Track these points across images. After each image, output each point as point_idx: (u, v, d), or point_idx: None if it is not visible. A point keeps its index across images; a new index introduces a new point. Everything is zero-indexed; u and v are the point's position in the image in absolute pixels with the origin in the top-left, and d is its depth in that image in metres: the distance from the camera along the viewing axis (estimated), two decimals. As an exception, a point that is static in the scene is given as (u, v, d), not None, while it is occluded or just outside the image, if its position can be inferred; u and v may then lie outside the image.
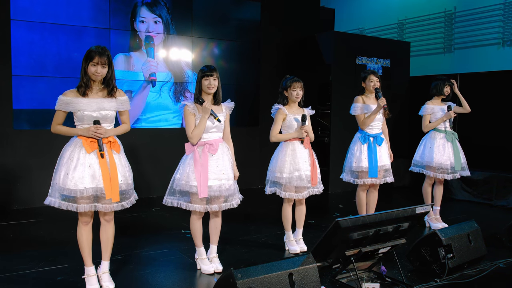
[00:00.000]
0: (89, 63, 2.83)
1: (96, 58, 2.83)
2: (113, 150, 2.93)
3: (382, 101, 4.16)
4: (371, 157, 4.24)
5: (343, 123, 6.74)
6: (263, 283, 2.46)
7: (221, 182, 3.26)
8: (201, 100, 3.23)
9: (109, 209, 2.89)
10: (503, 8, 7.25)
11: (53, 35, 5.64)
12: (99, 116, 2.89)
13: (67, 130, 2.92)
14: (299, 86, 3.78)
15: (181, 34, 6.56)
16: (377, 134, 4.32)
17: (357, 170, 4.28)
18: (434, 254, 3.36)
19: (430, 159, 4.70)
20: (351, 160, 4.33)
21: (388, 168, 4.36)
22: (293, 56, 7.52)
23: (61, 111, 2.88)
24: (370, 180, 4.27)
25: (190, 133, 3.24)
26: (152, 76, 6.32)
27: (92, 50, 2.86)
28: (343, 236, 2.79)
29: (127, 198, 2.98)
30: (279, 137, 3.81)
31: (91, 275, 3.02)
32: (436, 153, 4.68)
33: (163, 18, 6.41)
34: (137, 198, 3.08)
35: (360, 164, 4.26)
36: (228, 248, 3.98)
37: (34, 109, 5.59)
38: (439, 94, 4.78)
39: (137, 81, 6.22)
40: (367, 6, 9.49)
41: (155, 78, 6.35)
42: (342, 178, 4.43)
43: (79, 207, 2.82)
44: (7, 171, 5.45)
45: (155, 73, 6.35)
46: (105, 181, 2.83)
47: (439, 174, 4.68)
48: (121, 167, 2.94)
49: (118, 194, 2.88)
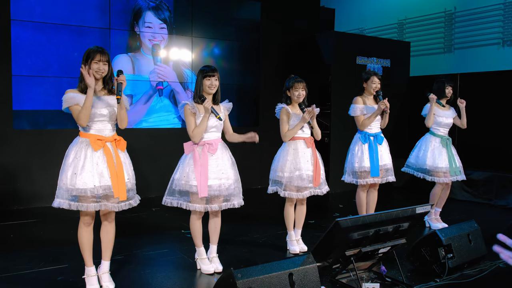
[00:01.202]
0: (91, 61, 2.85)
1: (98, 56, 2.86)
2: (118, 149, 2.94)
3: (383, 104, 4.15)
4: (372, 157, 4.23)
5: (343, 123, 6.73)
6: (263, 283, 2.46)
7: (220, 182, 3.27)
8: (203, 98, 3.23)
9: (118, 208, 2.90)
10: (503, 8, 7.24)
11: (53, 35, 5.64)
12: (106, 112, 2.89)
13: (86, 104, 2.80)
14: (301, 87, 3.77)
15: (181, 34, 6.56)
16: (377, 133, 4.32)
17: (359, 170, 4.25)
18: (434, 254, 3.36)
19: (423, 162, 4.69)
20: (353, 161, 4.30)
21: (389, 167, 4.36)
22: (293, 56, 7.51)
23: (73, 105, 2.86)
24: (372, 179, 4.26)
25: (192, 132, 3.24)
26: (160, 86, 6.33)
27: (92, 49, 2.89)
28: (343, 236, 2.79)
29: (133, 197, 3.00)
30: (290, 133, 3.78)
31: (91, 275, 3.02)
32: (429, 158, 4.67)
33: (167, 21, 6.42)
34: (140, 198, 3.10)
35: (363, 164, 4.24)
36: (228, 248, 3.98)
37: (34, 109, 5.59)
38: (442, 96, 4.77)
39: (140, 83, 6.22)
40: (367, 6, 9.49)
41: (163, 87, 6.35)
42: (344, 179, 4.41)
43: (89, 206, 2.82)
44: (7, 171, 5.45)
45: (162, 82, 6.36)
46: (113, 180, 2.84)
47: (436, 178, 4.66)
48: (126, 165, 2.96)
49: (125, 192, 2.89)
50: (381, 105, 4.16)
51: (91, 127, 2.89)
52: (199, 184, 3.18)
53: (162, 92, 6.37)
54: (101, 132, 2.90)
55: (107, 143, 2.89)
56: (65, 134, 4.05)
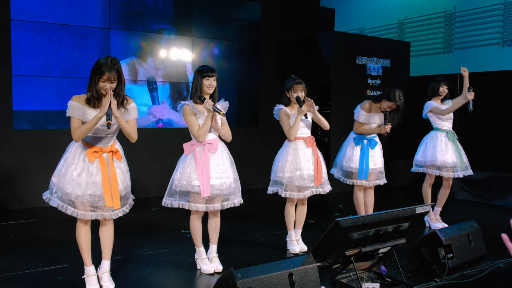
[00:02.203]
0: (99, 78, 2.76)
1: (105, 75, 2.73)
2: (114, 158, 2.93)
3: (384, 129, 4.18)
4: (362, 160, 4.24)
5: (343, 123, 6.72)
6: (263, 283, 2.46)
7: (222, 181, 3.27)
8: (202, 98, 3.23)
9: (113, 216, 2.93)
10: (503, 8, 7.24)
11: (53, 36, 5.64)
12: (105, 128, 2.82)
13: (86, 126, 2.76)
14: (300, 89, 3.75)
15: (181, 34, 6.56)
16: (371, 137, 4.32)
17: (346, 169, 4.31)
18: (434, 254, 3.36)
19: (434, 158, 4.68)
20: (342, 159, 4.37)
21: (381, 171, 4.36)
22: (293, 56, 7.51)
23: (74, 118, 2.80)
24: (360, 181, 4.27)
25: (196, 132, 3.23)
26: (159, 123, 6.37)
27: (102, 64, 2.75)
28: (343, 236, 2.79)
29: (126, 203, 3.02)
30: (293, 130, 3.75)
31: (91, 275, 3.02)
32: (439, 152, 4.67)
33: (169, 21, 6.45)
34: (133, 198, 3.12)
35: (350, 164, 4.27)
36: (228, 248, 3.98)
37: (34, 109, 5.59)
38: (435, 95, 4.78)
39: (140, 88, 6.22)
40: (367, 6, 9.49)
41: (162, 124, 6.38)
42: (332, 172, 4.43)
43: (86, 214, 2.86)
44: (7, 171, 5.45)
45: (162, 120, 6.39)
46: (106, 191, 2.85)
47: (444, 173, 4.67)
48: (121, 174, 2.95)
49: (119, 201, 2.91)
50: (381, 129, 4.20)
51: (91, 137, 2.88)
52: (201, 184, 3.18)
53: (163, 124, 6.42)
54: (99, 143, 2.89)
55: (103, 154, 2.89)
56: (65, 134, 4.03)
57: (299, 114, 3.71)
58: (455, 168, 4.67)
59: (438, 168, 4.68)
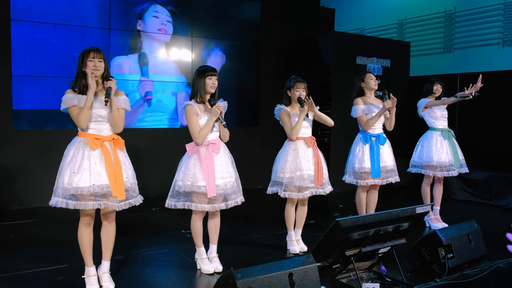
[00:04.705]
0: (86, 60, 2.86)
1: (92, 53, 2.87)
2: (117, 148, 2.93)
3: (388, 103, 4.13)
4: (373, 158, 4.20)
5: (343, 123, 6.72)
6: (263, 283, 2.46)
7: (226, 180, 3.28)
8: (212, 102, 3.23)
9: (118, 207, 2.88)
10: (503, 8, 7.25)
11: (53, 35, 5.64)
12: (105, 113, 2.89)
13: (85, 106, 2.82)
14: (302, 87, 3.76)
15: (181, 34, 6.56)
16: (379, 134, 4.29)
17: (359, 171, 4.22)
18: (434, 254, 3.36)
19: (429, 158, 4.70)
20: (354, 162, 4.28)
21: (391, 168, 4.31)
22: (293, 56, 7.51)
23: (71, 107, 2.86)
24: (373, 181, 4.24)
25: (197, 133, 3.23)
26: (148, 96, 6.32)
27: (86, 49, 2.91)
28: (343, 236, 2.79)
29: (133, 196, 2.98)
30: (296, 129, 3.74)
31: (91, 275, 3.02)
32: (434, 152, 4.68)
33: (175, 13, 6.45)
34: (143, 199, 3.07)
35: (363, 165, 4.20)
36: (228, 248, 3.98)
37: (34, 109, 5.59)
38: (429, 93, 4.82)
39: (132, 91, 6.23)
40: (367, 6, 9.50)
41: (151, 97, 6.34)
42: (344, 180, 4.40)
43: (88, 204, 2.80)
44: (7, 171, 5.45)
45: (151, 92, 6.36)
46: (111, 179, 2.83)
47: (438, 173, 4.68)
48: (125, 165, 2.95)
49: (123, 191, 2.87)
50: (386, 104, 4.12)
51: (89, 127, 2.88)
52: (207, 184, 3.17)
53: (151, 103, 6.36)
54: (100, 132, 2.90)
55: (105, 142, 2.89)
56: (65, 134, 4.04)
57: (302, 113, 3.71)
58: (450, 166, 4.68)
59: (434, 168, 4.69)
